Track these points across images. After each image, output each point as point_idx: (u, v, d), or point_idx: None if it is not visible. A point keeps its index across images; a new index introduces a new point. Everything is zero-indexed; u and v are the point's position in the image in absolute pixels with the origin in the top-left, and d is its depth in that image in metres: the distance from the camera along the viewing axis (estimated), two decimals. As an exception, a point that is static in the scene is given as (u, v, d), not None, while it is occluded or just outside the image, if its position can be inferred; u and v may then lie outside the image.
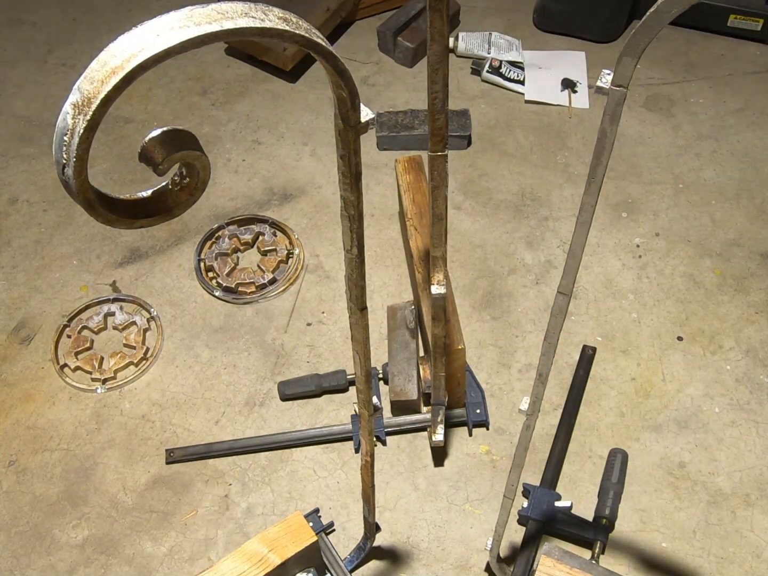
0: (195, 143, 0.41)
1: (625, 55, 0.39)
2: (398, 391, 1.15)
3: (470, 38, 1.78)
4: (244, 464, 1.14)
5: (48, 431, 1.20)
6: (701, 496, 1.09)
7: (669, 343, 1.25)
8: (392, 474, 1.13)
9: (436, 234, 0.82)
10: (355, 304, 0.60)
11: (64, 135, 0.35)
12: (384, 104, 1.68)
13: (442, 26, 0.61)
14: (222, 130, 1.65)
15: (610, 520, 1.03)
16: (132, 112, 1.69)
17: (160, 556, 1.06)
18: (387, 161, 1.55)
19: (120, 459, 1.16)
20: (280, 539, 0.87)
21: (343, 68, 0.41)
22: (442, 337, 0.95)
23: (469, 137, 1.57)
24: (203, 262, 1.40)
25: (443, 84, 0.66)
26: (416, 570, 1.04)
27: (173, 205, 0.44)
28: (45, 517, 1.11)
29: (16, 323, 1.33)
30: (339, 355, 1.27)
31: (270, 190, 1.53)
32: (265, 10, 0.37)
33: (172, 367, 1.27)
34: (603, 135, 0.44)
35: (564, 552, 0.84)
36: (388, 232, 1.44)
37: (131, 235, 1.45)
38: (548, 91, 1.68)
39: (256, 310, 1.34)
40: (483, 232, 1.43)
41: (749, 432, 1.15)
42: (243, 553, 0.85)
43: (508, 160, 1.56)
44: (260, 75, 1.77)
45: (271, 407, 1.21)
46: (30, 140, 1.65)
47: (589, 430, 1.16)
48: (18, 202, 1.53)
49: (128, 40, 0.34)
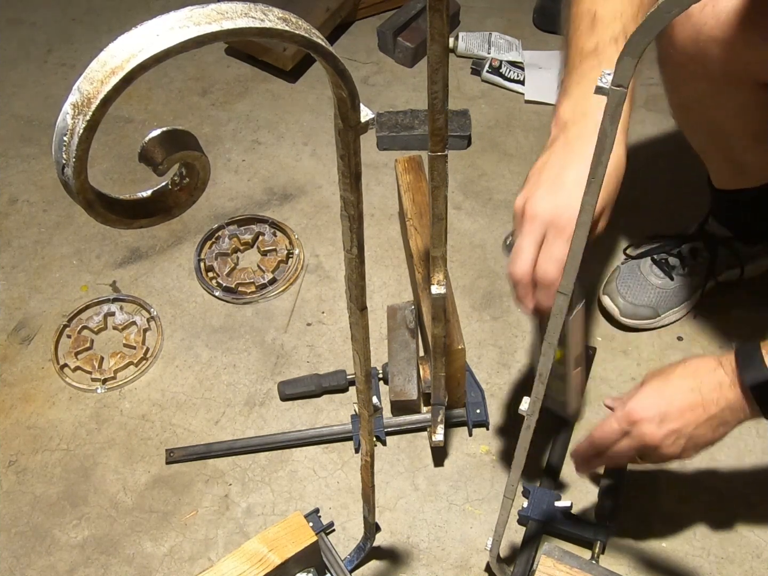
0: (195, 143, 0.41)
1: (625, 55, 0.39)
2: (398, 391, 1.15)
3: (470, 38, 1.78)
4: (244, 464, 1.14)
5: (48, 431, 1.20)
6: (701, 496, 1.09)
7: (669, 343, 1.25)
8: (392, 474, 1.13)
9: (436, 234, 0.82)
10: (355, 304, 0.60)
11: (63, 135, 0.35)
12: (384, 104, 1.68)
13: (442, 26, 0.61)
14: (222, 130, 1.65)
15: (610, 520, 1.03)
16: (132, 112, 1.69)
17: (160, 556, 1.06)
18: (387, 161, 1.55)
19: (120, 459, 1.16)
20: (280, 539, 0.87)
21: (343, 68, 0.41)
22: (442, 337, 0.95)
23: (469, 137, 1.57)
24: (203, 262, 1.40)
25: (443, 84, 0.66)
26: (416, 570, 1.04)
27: (173, 205, 0.44)
28: (45, 517, 1.11)
29: (16, 323, 1.33)
30: (339, 355, 1.27)
31: (270, 190, 1.53)
32: (264, 10, 0.37)
33: (172, 367, 1.27)
34: (603, 135, 0.44)
35: (564, 552, 0.84)
36: (388, 232, 1.44)
37: (131, 235, 1.45)
38: (548, 91, 1.67)
39: (256, 310, 1.34)
40: (483, 232, 1.43)
41: (749, 432, 1.15)
42: (243, 553, 0.85)
43: (508, 160, 1.56)
44: (260, 75, 1.77)
45: (271, 407, 1.21)
46: (30, 140, 1.65)
47: (589, 430, 1.15)
48: (18, 202, 1.53)
49: (128, 40, 0.34)
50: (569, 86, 0.77)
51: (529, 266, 0.74)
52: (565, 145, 0.74)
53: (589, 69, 0.76)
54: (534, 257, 0.73)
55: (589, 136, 0.71)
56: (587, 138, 0.71)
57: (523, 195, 0.75)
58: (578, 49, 0.78)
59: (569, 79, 0.78)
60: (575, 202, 0.62)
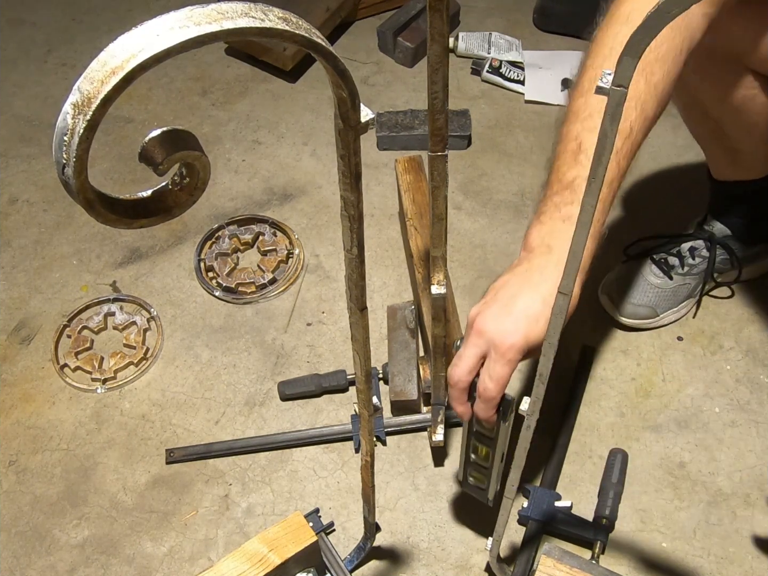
0: (195, 143, 0.41)
1: (625, 55, 0.39)
2: (398, 391, 1.15)
3: (470, 38, 1.78)
4: (244, 464, 1.14)
5: (48, 431, 1.20)
6: (701, 496, 1.09)
7: (669, 343, 1.25)
8: (392, 474, 1.13)
9: (436, 234, 0.82)
10: (355, 304, 0.60)
11: (63, 135, 0.35)
12: (384, 104, 1.68)
13: (442, 26, 0.61)
14: (222, 130, 1.65)
15: (610, 520, 1.03)
16: (132, 112, 1.69)
17: (160, 556, 1.06)
18: (387, 161, 1.55)
19: (120, 459, 1.16)
20: (280, 539, 0.87)
21: (343, 68, 0.41)
22: (442, 337, 0.95)
23: (469, 137, 1.57)
24: (203, 262, 1.40)
25: (443, 84, 0.66)
26: (416, 570, 1.04)
27: (173, 205, 0.44)
28: (45, 517, 1.11)
29: (16, 323, 1.33)
30: (339, 355, 1.27)
31: (270, 190, 1.53)
32: (265, 10, 0.37)
33: (172, 367, 1.27)
34: (603, 135, 0.44)
35: (564, 552, 0.84)
36: (388, 232, 1.44)
37: (131, 235, 1.45)
38: (548, 91, 1.68)
39: (256, 310, 1.34)
40: (483, 232, 1.43)
41: (749, 432, 1.15)
42: (243, 553, 0.85)
43: (508, 160, 1.56)
44: (260, 75, 1.77)
45: (271, 407, 1.21)
46: (30, 140, 1.65)
47: (589, 430, 1.16)
48: (18, 202, 1.53)
49: (128, 40, 0.34)
50: (543, 213, 0.79)
51: (466, 374, 0.77)
52: (526, 272, 0.76)
53: (562, 203, 0.77)
54: (472, 367, 0.77)
55: (549, 271, 0.74)
56: (547, 272, 0.74)
57: (478, 307, 0.78)
58: (558, 176, 0.79)
59: (544, 205, 0.80)
60: (518, 331, 0.72)
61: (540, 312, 0.73)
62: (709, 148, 1.21)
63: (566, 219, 0.76)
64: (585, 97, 0.81)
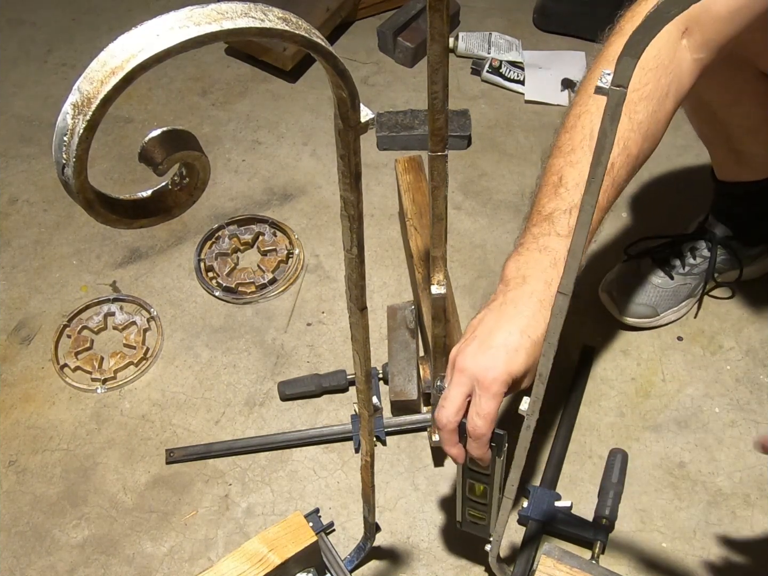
0: (195, 143, 0.41)
1: (625, 55, 0.39)
2: (398, 391, 1.15)
3: (470, 38, 1.78)
4: (244, 464, 1.14)
5: (48, 431, 1.20)
6: (701, 496, 1.09)
7: (669, 343, 1.25)
8: (392, 474, 1.13)
9: (436, 234, 0.82)
10: (355, 304, 0.60)
11: (63, 135, 0.35)
12: (384, 104, 1.68)
13: (442, 26, 0.61)
14: (222, 130, 1.65)
15: (610, 520, 1.03)
16: (132, 112, 1.69)
17: (160, 556, 1.06)
18: (387, 161, 1.55)
19: (120, 459, 1.16)
20: (280, 539, 0.87)
21: (343, 68, 0.41)
22: (442, 337, 0.95)
23: (469, 137, 1.57)
24: (203, 262, 1.40)
25: (443, 84, 0.66)
26: (416, 570, 1.04)
27: (173, 205, 0.44)
28: (45, 517, 1.11)
29: (16, 323, 1.33)
30: (339, 355, 1.27)
31: (270, 190, 1.53)
32: (264, 10, 0.37)
33: (172, 367, 1.27)
34: (603, 135, 0.44)
35: (564, 552, 0.84)
36: (388, 232, 1.44)
37: (131, 235, 1.45)
38: (548, 91, 1.68)
39: (256, 310, 1.34)
40: (483, 232, 1.43)
41: (749, 432, 1.15)
42: (243, 553, 0.85)
43: (508, 160, 1.56)
44: (260, 75, 1.77)
45: (271, 407, 1.21)
46: (30, 140, 1.65)
47: (589, 430, 1.16)
48: (18, 202, 1.53)
49: (128, 40, 0.34)
50: (521, 244, 0.80)
51: (453, 415, 0.77)
52: (501, 306, 0.76)
53: (540, 234, 0.78)
54: (459, 407, 0.76)
55: (524, 302, 0.75)
56: (521, 305, 0.75)
57: (458, 346, 0.78)
58: (538, 208, 0.80)
59: (523, 237, 0.80)
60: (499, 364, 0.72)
61: (519, 343, 0.73)
62: (714, 148, 1.21)
63: (542, 249, 0.77)
64: (570, 133, 0.83)
